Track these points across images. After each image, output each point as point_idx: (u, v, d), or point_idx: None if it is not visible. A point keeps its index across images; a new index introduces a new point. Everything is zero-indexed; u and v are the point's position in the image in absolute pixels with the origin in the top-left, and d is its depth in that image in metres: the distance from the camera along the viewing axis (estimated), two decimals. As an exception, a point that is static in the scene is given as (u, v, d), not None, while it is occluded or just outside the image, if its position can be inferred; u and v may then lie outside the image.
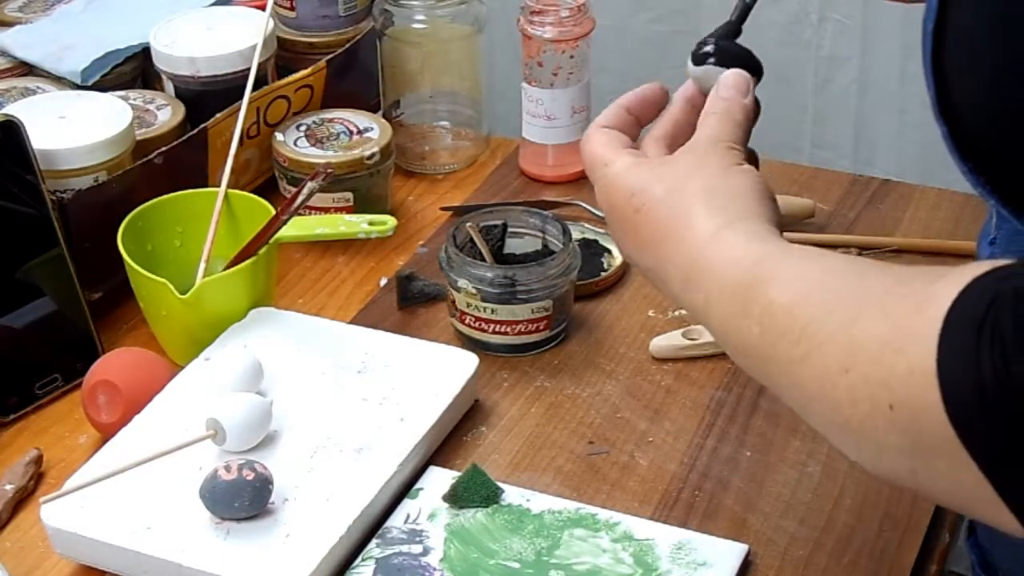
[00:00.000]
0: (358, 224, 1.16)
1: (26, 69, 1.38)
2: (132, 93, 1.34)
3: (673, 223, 0.81)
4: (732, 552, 0.97)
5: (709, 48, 0.89)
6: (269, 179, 1.35)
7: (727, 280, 0.77)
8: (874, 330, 0.67)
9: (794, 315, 0.72)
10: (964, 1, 0.72)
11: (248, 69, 1.28)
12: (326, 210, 1.29)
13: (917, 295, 0.66)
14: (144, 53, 1.37)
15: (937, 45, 0.74)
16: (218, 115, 1.27)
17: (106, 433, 1.06)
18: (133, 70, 1.38)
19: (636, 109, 0.91)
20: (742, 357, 0.78)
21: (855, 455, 0.71)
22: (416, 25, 1.41)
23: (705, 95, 0.88)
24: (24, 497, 1.05)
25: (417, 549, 0.98)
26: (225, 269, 1.15)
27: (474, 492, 1.01)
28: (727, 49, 0.89)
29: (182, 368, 1.11)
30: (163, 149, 1.23)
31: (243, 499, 0.96)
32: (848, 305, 0.70)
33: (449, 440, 1.08)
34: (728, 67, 0.88)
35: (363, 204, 1.30)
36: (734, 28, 0.91)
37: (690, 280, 0.80)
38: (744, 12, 0.92)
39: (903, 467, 0.68)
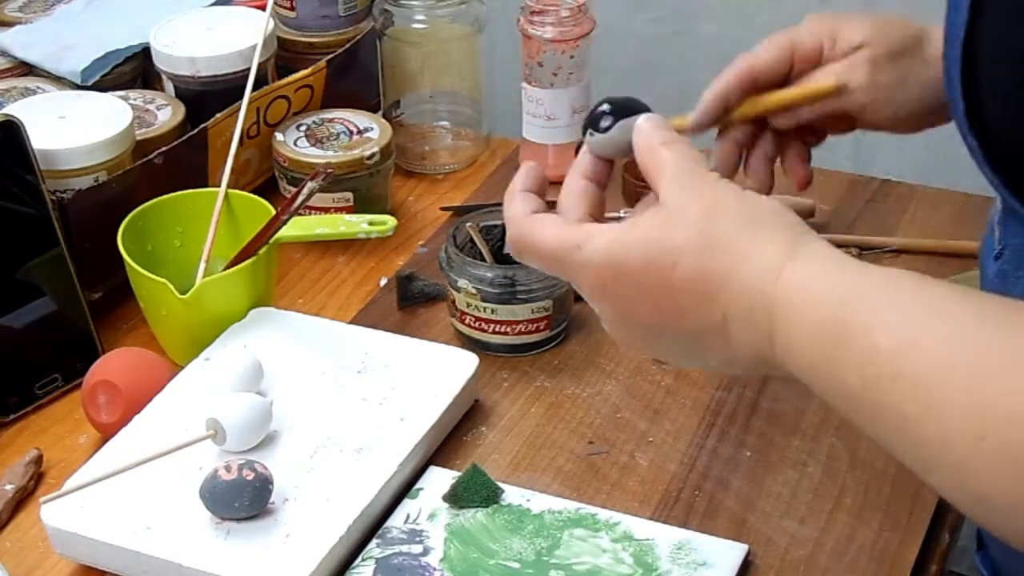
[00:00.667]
0: (358, 224, 1.16)
1: (26, 69, 1.38)
2: (132, 93, 1.34)
3: (723, 270, 0.70)
4: (732, 552, 0.97)
5: (604, 108, 0.83)
6: (269, 179, 1.35)
7: (808, 322, 0.67)
8: (1011, 386, 0.59)
9: (904, 365, 0.63)
10: (998, 14, 0.70)
11: (248, 69, 1.28)
12: (326, 210, 1.29)
13: None
14: (144, 53, 1.37)
15: (967, 60, 0.72)
16: (218, 115, 1.27)
17: (106, 433, 1.06)
18: (133, 70, 1.38)
19: (534, 185, 0.82)
20: (845, 409, 0.68)
21: (984, 524, 0.64)
22: (416, 25, 1.41)
23: (604, 160, 0.82)
24: (24, 497, 1.05)
25: (417, 549, 0.98)
26: (225, 269, 1.15)
27: (474, 492, 1.01)
28: (621, 103, 0.84)
29: (182, 368, 1.11)
30: (163, 149, 1.23)
31: (243, 499, 0.96)
32: (972, 354, 0.61)
33: (449, 440, 1.08)
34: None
35: (363, 204, 1.30)
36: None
37: (759, 329, 0.69)
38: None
39: None
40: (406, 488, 1.03)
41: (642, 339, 0.77)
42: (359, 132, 1.34)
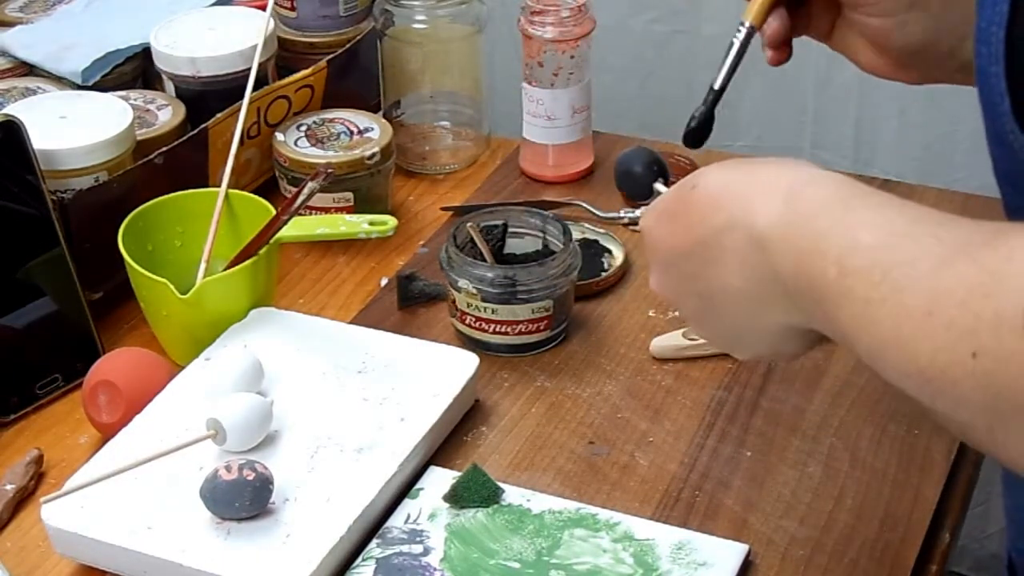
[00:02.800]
0: (358, 224, 1.16)
1: (27, 69, 1.38)
2: (133, 93, 1.34)
3: (734, 183, 0.78)
4: (732, 552, 0.97)
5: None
6: (269, 179, 1.35)
7: (801, 217, 0.73)
8: (963, 274, 0.64)
9: (879, 258, 0.69)
10: None
11: (249, 69, 1.28)
12: (326, 210, 1.29)
13: (1009, 243, 0.64)
14: (145, 53, 1.37)
15: (1011, 54, 0.71)
16: (219, 115, 1.27)
17: (106, 433, 1.06)
18: (134, 70, 1.38)
19: None
20: (814, 307, 0.73)
21: (929, 406, 0.68)
22: (417, 25, 1.41)
23: None
24: (25, 497, 1.05)
25: (417, 549, 0.98)
26: (226, 269, 1.15)
27: (474, 492, 1.01)
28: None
29: (182, 368, 1.11)
30: (163, 149, 1.23)
31: (243, 499, 0.96)
32: (938, 251, 0.66)
33: (449, 440, 1.08)
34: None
35: (363, 204, 1.30)
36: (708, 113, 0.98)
37: (755, 229, 0.75)
38: (716, 99, 0.98)
39: (980, 423, 0.65)
40: (406, 488, 1.03)
41: (666, 273, 0.83)
42: (359, 132, 1.34)
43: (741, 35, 0.98)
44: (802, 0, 1.01)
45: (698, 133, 0.98)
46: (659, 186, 0.96)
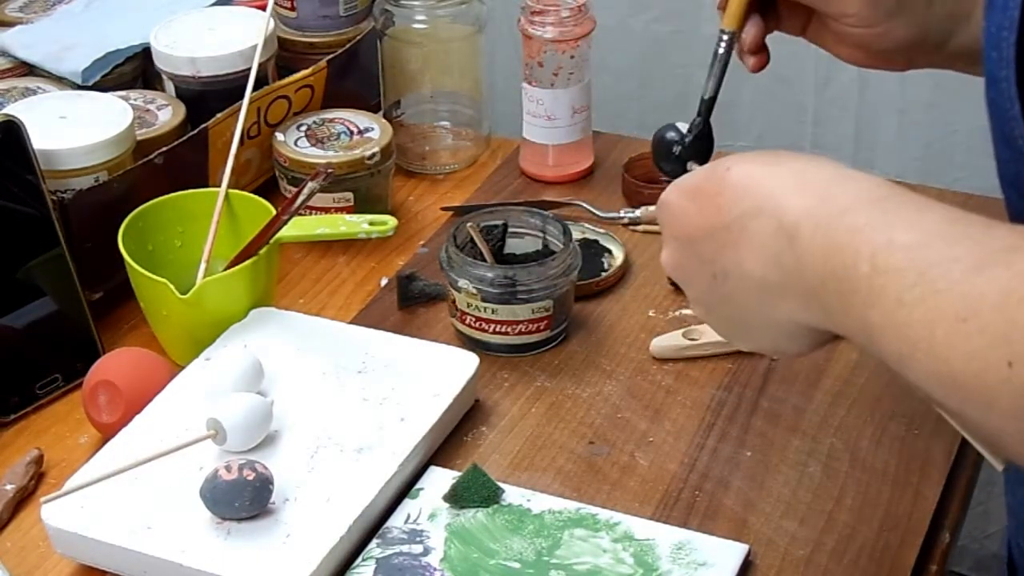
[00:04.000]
0: (359, 224, 1.16)
1: (27, 69, 1.38)
2: (133, 93, 1.34)
3: (766, 171, 0.77)
4: (732, 552, 0.97)
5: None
6: (270, 179, 1.35)
7: (834, 212, 0.72)
8: (998, 279, 0.63)
9: (914, 258, 0.67)
10: None
11: (249, 69, 1.28)
12: (327, 210, 1.29)
13: None
14: (145, 53, 1.37)
15: (1021, 55, 0.71)
16: (219, 115, 1.27)
17: (106, 433, 1.06)
18: (134, 70, 1.38)
19: None
20: (842, 304, 0.71)
21: (957, 412, 0.67)
22: (417, 25, 1.41)
23: None
24: (25, 497, 1.05)
25: (417, 549, 0.98)
26: (226, 269, 1.15)
27: (474, 492, 1.01)
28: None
29: (182, 368, 1.11)
30: (164, 149, 1.23)
31: (243, 499, 0.96)
32: (974, 255, 0.65)
33: (449, 440, 1.08)
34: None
35: (363, 204, 1.30)
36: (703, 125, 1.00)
37: (785, 218, 0.74)
38: (708, 109, 1.00)
39: (1011, 429, 0.64)
40: (406, 488, 1.03)
41: (680, 250, 0.82)
42: (360, 132, 1.34)
43: (723, 43, 0.99)
44: (771, 2, 1.00)
45: (698, 144, 0.99)
46: (693, 164, 0.96)
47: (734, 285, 0.78)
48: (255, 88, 1.28)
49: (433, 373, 1.09)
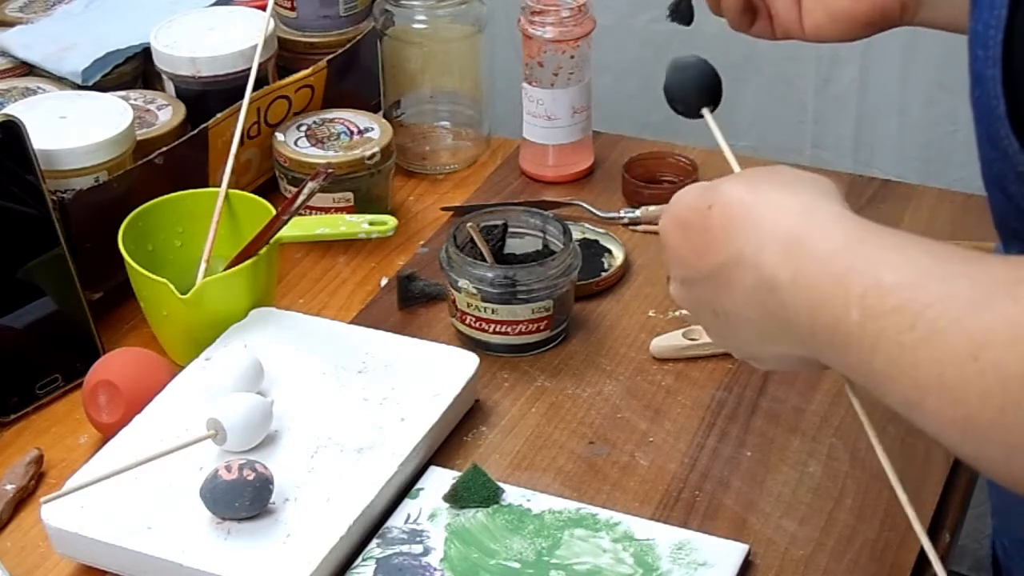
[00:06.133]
0: (359, 224, 1.16)
1: (27, 69, 1.38)
2: (133, 93, 1.34)
3: (749, 205, 0.75)
4: (732, 552, 0.97)
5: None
6: (270, 179, 1.35)
7: (818, 255, 0.70)
8: (1005, 314, 0.61)
9: (907, 299, 0.65)
10: None
11: (249, 69, 1.28)
12: (327, 210, 1.29)
13: None
14: (145, 53, 1.37)
15: (1008, 57, 0.70)
16: (219, 115, 1.27)
17: (106, 433, 1.06)
18: (134, 70, 1.38)
19: None
20: (839, 351, 0.69)
21: (974, 456, 0.64)
22: (417, 25, 1.41)
23: None
24: (25, 497, 1.05)
25: (418, 549, 0.98)
26: (226, 269, 1.15)
27: (474, 492, 1.01)
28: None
29: (182, 368, 1.11)
30: (164, 149, 1.23)
31: (243, 499, 0.96)
32: (970, 291, 0.63)
33: (449, 440, 1.08)
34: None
35: (364, 204, 1.30)
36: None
37: (768, 262, 0.73)
38: None
39: None
40: (406, 488, 1.03)
41: (683, 286, 0.82)
42: (360, 132, 1.34)
43: None
44: None
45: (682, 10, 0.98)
46: (707, 112, 0.92)
47: (734, 323, 0.78)
48: (255, 88, 1.28)
49: (433, 373, 1.09)
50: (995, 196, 0.79)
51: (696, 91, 0.93)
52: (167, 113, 1.31)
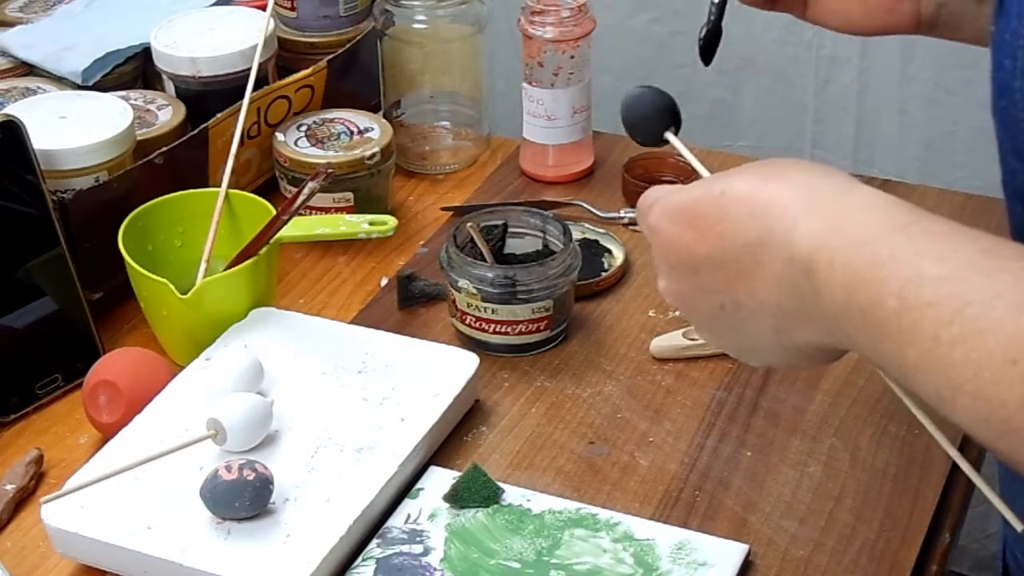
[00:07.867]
0: (359, 224, 1.16)
1: (27, 69, 1.38)
2: (133, 93, 1.34)
3: (771, 191, 0.72)
4: (732, 552, 0.97)
5: None
6: (270, 179, 1.35)
7: (856, 241, 0.67)
8: None
9: (948, 293, 0.63)
10: None
11: (249, 69, 1.28)
12: (327, 210, 1.29)
13: None
14: (145, 53, 1.37)
15: None
16: (219, 115, 1.27)
17: (107, 433, 1.06)
18: (134, 70, 1.38)
19: None
20: (871, 339, 0.67)
21: (1008, 454, 0.63)
22: (417, 25, 1.41)
23: None
24: (25, 497, 1.05)
25: (418, 549, 0.98)
26: (226, 269, 1.15)
27: (474, 492, 1.01)
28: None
29: (183, 368, 1.11)
30: (164, 149, 1.23)
31: (244, 499, 0.96)
32: (1014, 290, 0.61)
33: (449, 440, 1.08)
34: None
35: (364, 204, 1.30)
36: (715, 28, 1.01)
37: (801, 245, 0.69)
38: (720, 12, 1.00)
39: None
40: (406, 488, 1.03)
41: (680, 280, 0.78)
42: (360, 132, 1.34)
43: None
44: None
45: (707, 49, 1.00)
46: (671, 135, 0.90)
47: (747, 315, 0.75)
48: (255, 88, 1.28)
49: (433, 373, 1.09)
50: (1015, 208, 0.77)
51: (656, 117, 0.91)
52: (167, 113, 1.31)
